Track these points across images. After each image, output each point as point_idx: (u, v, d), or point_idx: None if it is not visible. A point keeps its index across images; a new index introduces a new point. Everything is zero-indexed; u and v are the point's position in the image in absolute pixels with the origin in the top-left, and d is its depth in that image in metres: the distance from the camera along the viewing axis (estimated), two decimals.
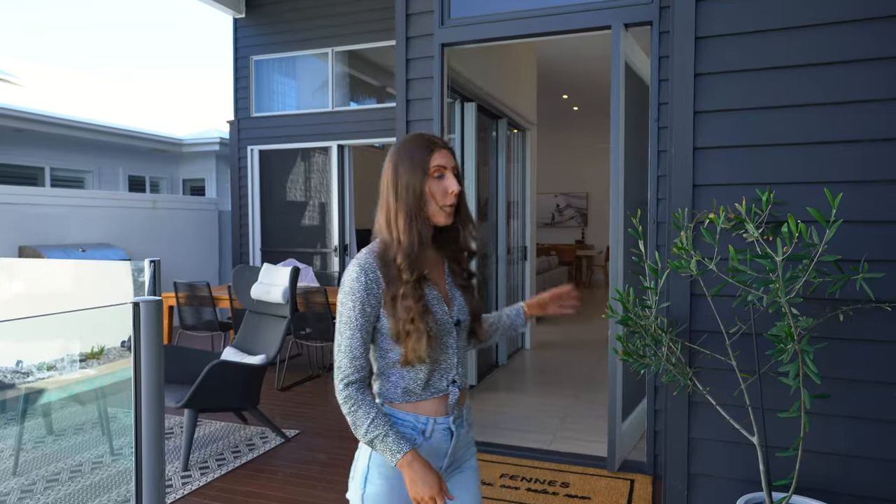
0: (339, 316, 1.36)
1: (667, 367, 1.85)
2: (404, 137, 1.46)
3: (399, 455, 1.31)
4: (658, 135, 3.23)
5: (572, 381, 5.19)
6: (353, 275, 1.35)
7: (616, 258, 3.22)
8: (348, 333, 1.35)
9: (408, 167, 1.38)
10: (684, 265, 1.78)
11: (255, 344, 4.03)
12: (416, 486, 1.31)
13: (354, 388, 1.35)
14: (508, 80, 5.74)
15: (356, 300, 1.34)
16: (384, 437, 1.32)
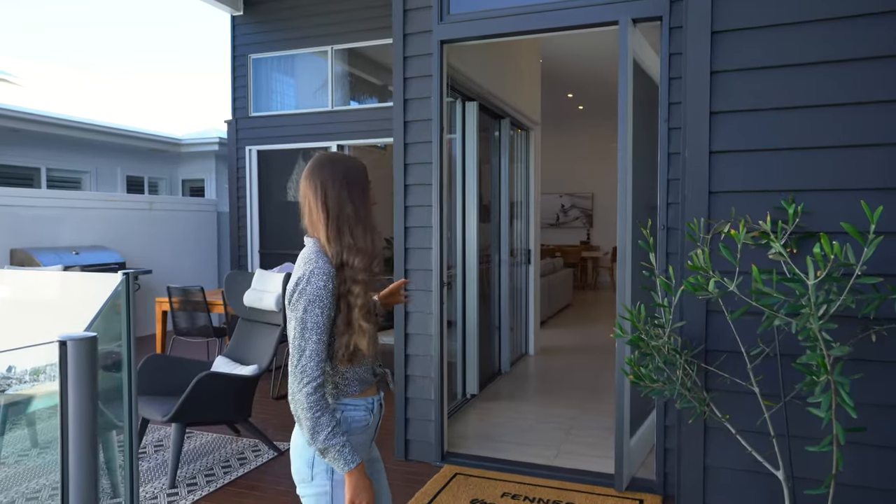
0: (303, 322, 1.45)
1: (682, 392, 1.69)
2: (344, 158, 1.61)
3: (353, 465, 1.46)
4: (669, 136, 3.06)
5: (576, 390, 5.03)
6: (320, 283, 1.46)
7: (623, 268, 3.06)
8: (315, 339, 1.45)
9: (360, 189, 1.57)
10: (700, 282, 1.61)
11: (248, 353, 3.88)
12: (360, 492, 1.48)
13: (320, 394, 1.46)
14: (511, 79, 5.58)
15: (324, 307, 1.46)
16: (342, 447, 1.46)
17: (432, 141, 3.48)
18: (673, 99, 3.04)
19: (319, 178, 1.55)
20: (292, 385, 1.46)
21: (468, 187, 4.74)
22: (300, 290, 1.48)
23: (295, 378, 1.46)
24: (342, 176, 1.56)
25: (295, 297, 1.49)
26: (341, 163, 1.59)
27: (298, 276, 1.51)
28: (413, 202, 3.54)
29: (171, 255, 7.98)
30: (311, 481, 1.54)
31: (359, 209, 1.55)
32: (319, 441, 1.44)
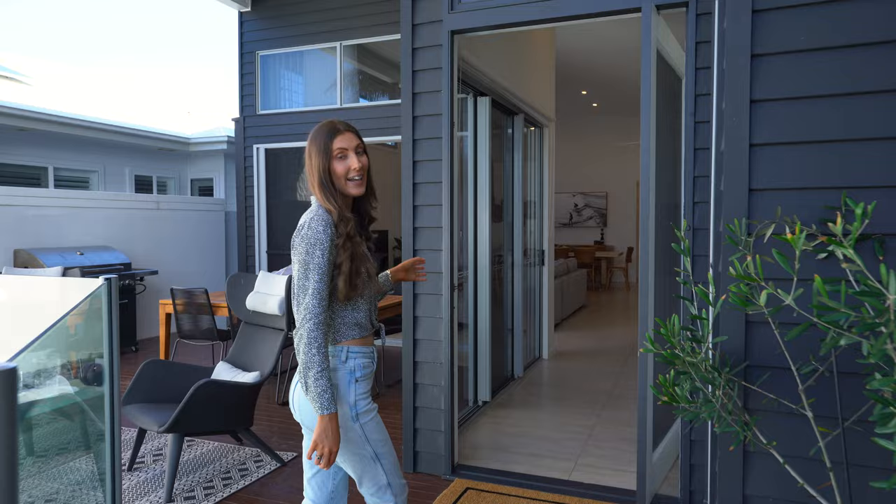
0: (305, 264, 1.60)
1: (721, 415, 1.49)
2: (320, 125, 1.75)
3: (327, 411, 1.58)
4: (695, 130, 2.86)
5: (593, 396, 4.83)
6: (320, 228, 1.62)
7: (646, 273, 2.85)
8: (317, 278, 1.60)
9: (316, 151, 1.71)
10: (743, 291, 1.42)
11: (250, 358, 3.72)
12: (328, 438, 1.59)
13: (321, 331, 1.59)
14: (525, 74, 5.38)
15: (324, 249, 1.60)
16: (325, 391, 1.58)
17: (442, 137, 3.30)
18: (700, 90, 2.84)
19: (308, 146, 1.75)
20: (297, 322, 1.60)
21: (480, 186, 4.55)
22: (301, 235, 1.64)
23: (299, 315, 1.60)
24: (309, 143, 1.74)
25: (297, 242, 1.65)
26: (313, 130, 1.76)
27: (300, 224, 1.68)
28: (422, 201, 3.36)
29: (179, 256, 7.87)
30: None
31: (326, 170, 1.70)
32: (308, 377, 1.57)
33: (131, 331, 6.56)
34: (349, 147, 1.71)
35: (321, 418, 1.58)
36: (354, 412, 1.69)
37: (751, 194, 1.73)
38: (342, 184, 1.71)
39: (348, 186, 1.71)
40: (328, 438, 1.58)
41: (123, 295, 6.45)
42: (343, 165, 1.70)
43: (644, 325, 2.78)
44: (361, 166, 1.72)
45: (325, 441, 1.58)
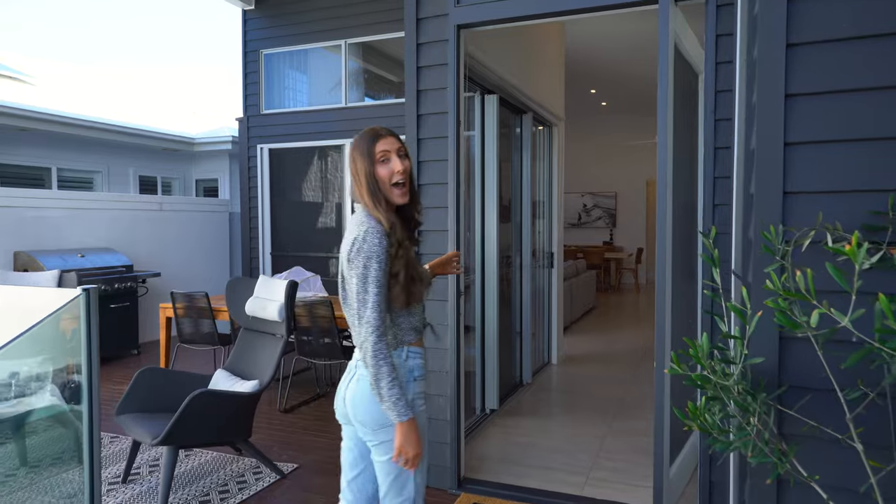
0: (364, 277, 1.63)
1: (757, 444, 1.34)
2: (364, 132, 1.77)
3: (405, 417, 1.63)
4: (715, 129, 2.70)
5: (605, 404, 4.67)
6: (375, 240, 1.64)
7: (664, 280, 2.69)
8: (376, 290, 1.63)
9: (359, 156, 1.72)
10: (781, 304, 1.27)
11: (249, 366, 3.59)
12: (410, 443, 1.64)
13: (383, 342, 1.63)
14: (534, 71, 5.23)
15: (381, 261, 1.63)
16: (399, 398, 1.62)
17: (448, 136, 3.16)
18: (720, 86, 2.68)
19: (352, 152, 1.76)
20: (359, 336, 1.65)
21: (488, 186, 4.41)
22: (357, 248, 1.65)
23: (361, 328, 1.63)
24: (351, 150, 1.75)
25: (353, 255, 1.66)
26: (356, 140, 1.76)
27: (353, 237, 1.68)
28: (427, 203, 3.22)
29: (182, 258, 7.76)
30: (391, 425, 1.69)
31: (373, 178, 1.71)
32: (381, 388, 1.62)
33: (133, 334, 6.46)
34: (391, 149, 1.73)
35: (400, 426, 1.64)
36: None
37: (785, 198, 1.57)
38: (387, 190, 1.72)
39: (393, 193, 1.72)
40: (411, 444, 1.65)
41: (125, 297, 6.35)
42: (386, 169, 1.71)
43: (662, 336, 2.62)
44: (404, 169, 1.73)
45: (409, 446, 1.64)
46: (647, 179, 13.45)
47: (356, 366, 1.79)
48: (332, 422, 4.35)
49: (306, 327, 4.52)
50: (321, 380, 5.31)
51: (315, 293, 5.31)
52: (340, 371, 4.68)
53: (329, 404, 4.75)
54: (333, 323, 4.40)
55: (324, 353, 4.53)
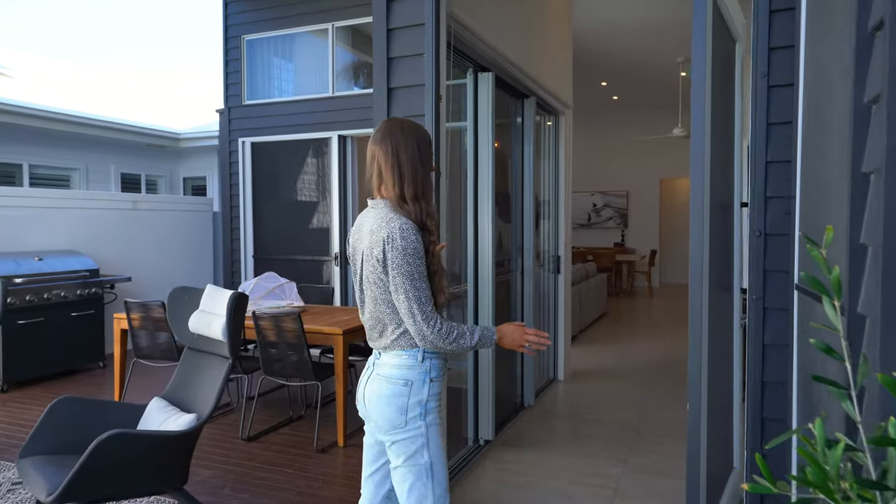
0: (411, 274, 1.62)
1: None
2: (414, 125, 1.77)
3: (494, 336, 1.74)
4: (769, 99, 2.06)
5: (618, 433, 4.03)
6: (412, 236, 1.63)
7: (699, 300, 2.05)
8: (423, 285, 1.65)
9: (427, 154, 1.76)
10: None
11: (189, 395, 2.99)
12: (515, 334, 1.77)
13: (444, 322, 1.66)
14: (537, 50, 4.60)
15: (420, 256, 1.64)
16: (482, 336, 1.71)
17: (425, 115, 2.54)
18: (776, 42, 2.04)
19: (392, 143, 1.70)
20: (422, 332, 1.63)
21: (482, 181, 3.79)
22: (394, 246, 1.61)
23: (422, 325, 1.63)
24: (415, 142, 1.72)
25: (391, 255, 1.62)
26: (412, 130, 1.75)
27: (384, 235, 1.63)
28: None
29: (159, 261, 7.19)
30: (405, 427, 1.69)
31: (427, 174, 1.73)
32: (467, 346, 1.69)
33: (98, 345, 5.89)
34: None
35: (500, 342, 1.75)
36: (423, 409, 1.71)
37: None
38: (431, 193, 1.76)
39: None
40: (516, 334, 1.76)
41: (89, 305, 5.78)
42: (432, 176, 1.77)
43: (698, 386, 1.98)
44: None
45: (516, 337, 1.75)
46: (660, 178, 12.77)
47: (373, 363, 1.79)
48: (305, 450, 3.75)
49: (272, 342, 3.92)
50: (296, 400, 4.70)
51: (290, 302, 4.71)
52: (317, 390, 4.07)
53: (306, 428, 4.15)
54: (303, 338, 3.79)
55: (292, 371, 3.92)
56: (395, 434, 1.69)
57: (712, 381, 2.27)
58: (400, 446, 1.69)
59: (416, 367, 1.70)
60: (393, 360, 1.72)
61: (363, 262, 1.71)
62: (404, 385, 1.69)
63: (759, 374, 2.06)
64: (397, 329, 1.71)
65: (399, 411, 1.68)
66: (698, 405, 2.05)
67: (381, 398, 1.70)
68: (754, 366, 2.07)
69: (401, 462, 1.71)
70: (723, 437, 2.71)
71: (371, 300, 1.72)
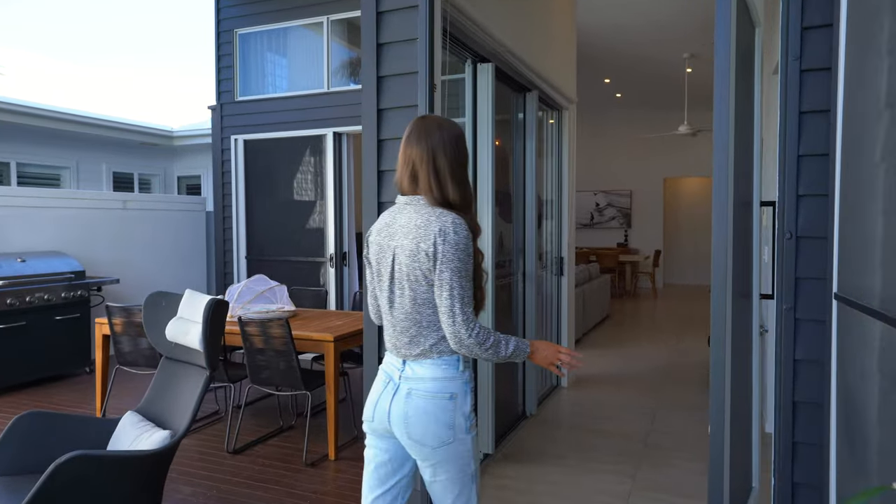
0: (460, 272, 1.54)
1: None
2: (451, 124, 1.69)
3: (528, 350, 1.63)
4: (801, 84, 1.84)
5: (625, 445, 3.82)
6: (464, 232, 1.57)
7: (721, 317, 1.82)
8: (469, 285, 1.57)
9: (463, 147, 1.69)
10: None
11: (165, 409, 2.78)
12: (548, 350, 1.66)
13: (480, 327, 1.56)
14: (540, 40, 4.38)
15: (470, 254, 1.58)
16: (517, 347, 1.60)
17: (418, 105, 2.32)
18: (810, 22, 1.82)
19: (430, 145, 1.63)
20: (459, 334, 1.54)
21: (481, 178, 3.57)
22: (447, 240, 1.54)
23: (461, 327, 1.54)
24: (453, 142, 1.65)
25: (443, 248, 1.54)
26: (449, 128, 1.67)
27: (437, 229, 1.56)
28: (389, 196, 2.39)
29: (149, 263, 6.98)
30: (452, 442, 1.61)
31: (466, 177, 1.67)
32: (503, 355, 1.58)
33: (85, 349, 5.68)
34: None
35: (532, 357, 1.64)
36: (469, 423, 1.64)
37: None
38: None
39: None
40: (548, 351, 1.65)
41: (74, 308, 5.57)
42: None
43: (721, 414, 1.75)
44: None
45: (549, 354, 1.65)
46: (664, 177, 12.55)
47: (399, 377, 1.66)
48: (294, 464, 3.53)
49: (259, 349, 3.71)
50: (286, 409, 4.49)
51: (281, 306, 4.50)
52: (307, 399, 3.85)
53: (297, 439, 3.93)
54: (291, 345, 3.58)
55: (280, 380, 3.71)
56: (445, 451, 1.61)
57: (734, 399, 2.06)
58: (449, 462, 1.62)
59: (458, 377, 1.63)
60: (429, 370, 1.61)
61: (397, 259, 1.61)
62: (450, 399, 1.60)
63: (789, 392, 1.84)
64: (436, 333, 1.61)
65: (447, 427, 1.60)
66: (721, 426, 1.83)
67: (427, 416, 1.59)
68: (784, 384, 1.85)
69: (446, 477, 1.64)
70: (742, 455, 2.50)
71: (410, 301, 1.61)
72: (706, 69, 8.43)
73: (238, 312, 4.23)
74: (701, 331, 7.63)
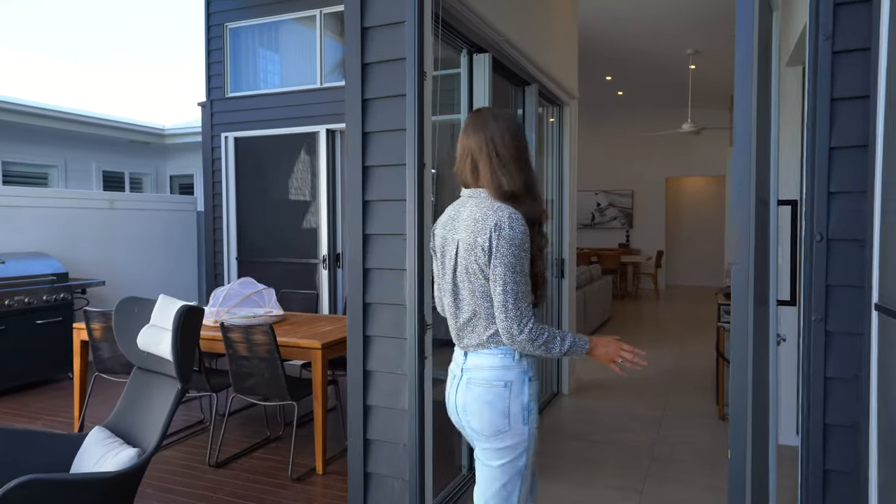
0: (513, 267, 1.54)
1: None
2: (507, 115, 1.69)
3: (587, 346, 1.62)
4: (832, 67, 1.64)
5: (630, 458, 3.62)
6: (521, 227, 1.56)
7: (743, 326, 1.61)
8: (524, 280, 1.56)
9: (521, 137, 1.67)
10: None
11: (135, 423, 2.58)
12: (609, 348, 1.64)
13: (534, 323, 1.55)
14: (540, 31, 4.18)
15: (526, 249, 1.56)
16: (574, 344, 1.59)
17: (406, 94, 2.12)
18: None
19: (486, 135, 1.63)
20: (511, 330, 1.53)
21: None
22: (501, 234, 1.54)
23: (513, 322, 1.53)
24: (510, 131, 1.65)
25: (497, 243, 1.54)
26: (504, 118, 1.67)
27: (493, 224, 1.55)
28: (376, 194, 2.19)
29: (138, 264, 6.78)
30: (508, 431, 1.60)
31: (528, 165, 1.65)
32: (556, 352, 1.57)
33: (66, 354, 5.47)
34: None
35: (591, 352, 1.62)
36: (527, 412, 1.62)
37: None
38: None
39: None
40: (610, 348, 1.62)
41: (57, 311, 5.37)
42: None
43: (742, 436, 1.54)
44: None
45: (610, 351, 1.62)
46: (666, 176, 12.36)
47: (461, 368, 1.69)
48: (279, 479, 3.33)
49: (243, 356, 3.51)
50: (273, 418, 4.28)
51: (268, 310, 4.30)
52: (294, 410, 3.64)
53: (284, 451, 3.73)
54: (276, 352, 3.38)
55: (265, 389, 3.51)
56: (500, 440, 1.61)
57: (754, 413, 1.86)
58: (503, 451, 1.62)
59: (514, 366, 1.62)
60: (487, 359, 1.63)
61: (459, 252, 1.64)
62: (504, 387, 1.61)
63: (819, 414, 1.64)
64: (494, 325, 1.61)
65: (503, 415, 1.60)
66: (743, 447, 1.63)
67: (482, 404, 1.62)
68: (813, 404, 1.65)
69: (495, 465, 1.63)
70: (760, 472, 2.30)
71: (469, 293, 1.64)
72: (710, 65, 8.24)
73: (223, 317, 4.03)
74: (705, 334, 7.43)
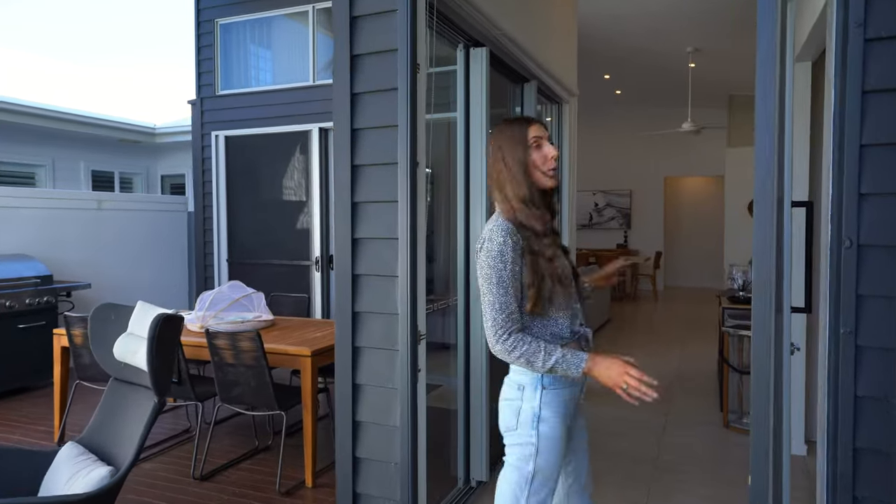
0: (489, 278, 1.56)
1: None
2: (515, 118, 1.71)
3: (582, 365, 1.54)
4: (864, 57, 1.50)
5: (633, 468, 3.48)
6: (500, 239, 1.56)
7: (765, 333, 1.48)
8: (502, 292, 1.56)
9: (510, 144, 1.65)
10: None
11: (110, 438, 2.42)
12: (612, 370, 1.53)
13: (515, 336, 1.56)
14: (540, 26, 4.04)
15: (506, 261, 1.56)
16: (562, 359, 1.54)
17: (398, 87, 1.97)
18: None
19: (497, 141, 1.68)
20: (489, 341, 1.58)
21: (475, 178, 3.22)
22: (483, 247, 1.59)
23: (489, 333, 1.57)
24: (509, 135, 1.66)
25: (478, 256, 1.60)
26: (507, 126, 1.68)
27: (481, 238, 1.62)
28: (366, 195, 2.05)
29: (126, 266, 6.61)
30: (515, 430, 1.65)
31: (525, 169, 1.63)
32: (539, 366, 1.55)
33: (51, 360, 5.30)
34: (543, 136, 1.66)
35: (590, 372, 1.56)
36: (535, 417, 1.63)
37: None
38: (538, 176, 1.64)
39: (544, 179, 1.65)
40: (611, 371, 1.53)
41: (40, 315, 5.20)
42: (540, 155, 1.65)
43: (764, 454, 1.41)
44: (556, 155, 1.66)
45: (613, 374, 1.53)
46: (665, 176, 12.24)
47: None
48: (267, 492, 3.17)
49: (229, 364, 3.35)
50: (262, 427, 4.13)
51: (258, 315, 4.14)
52: (282, 420, 3.48)
53: (272, 462, 3.58)
54: (263, 360, 3.22)
55: (252, 398, 3.36)
56: (509, 436, 1.68)
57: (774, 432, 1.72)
58: (512, 449, 1.67)
59: (526, 372, 1.66)
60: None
61: None
62: (517, 389, 1.67)
63: (848, 436, 1.50)
64: None
65: (513, 414, 1.67)
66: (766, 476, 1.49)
67: (503, 400, 1.71)
68: (842, 426, 1.51)
69: (510, 461, 1.68)
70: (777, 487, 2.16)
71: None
72: (710, 63, 8.11)
73: (210, 322, 3.88)
74: (706, 336, 7.31)
